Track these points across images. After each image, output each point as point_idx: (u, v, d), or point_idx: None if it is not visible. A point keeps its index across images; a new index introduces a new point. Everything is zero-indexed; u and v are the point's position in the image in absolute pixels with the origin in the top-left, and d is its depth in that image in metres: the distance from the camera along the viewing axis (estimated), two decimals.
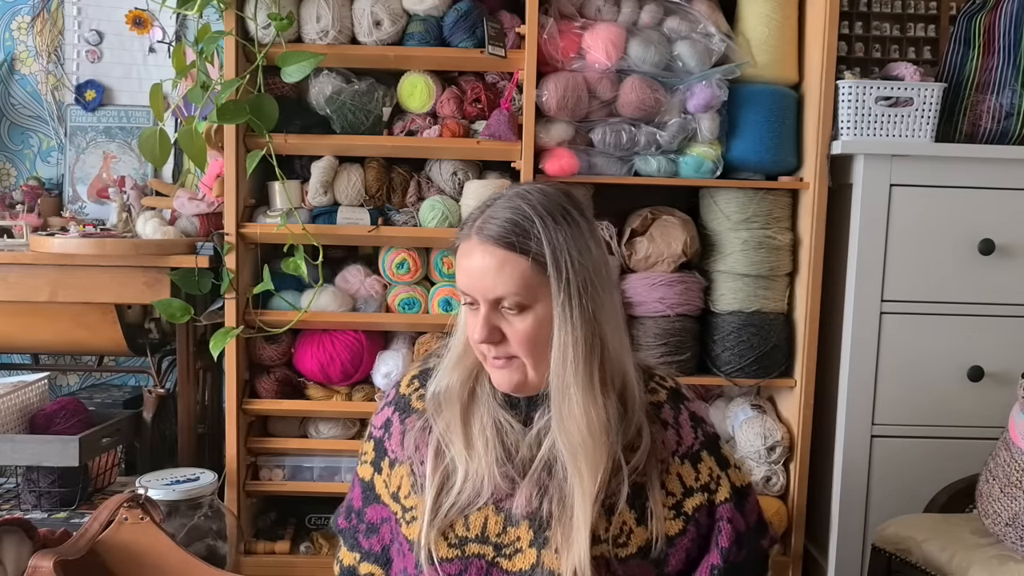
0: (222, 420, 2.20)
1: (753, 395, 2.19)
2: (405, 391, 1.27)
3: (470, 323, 1.15)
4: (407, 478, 1.21)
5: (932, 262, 1.96)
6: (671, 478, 1.18)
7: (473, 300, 1.13)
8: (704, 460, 1.20)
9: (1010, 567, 1.48)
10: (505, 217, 1.10)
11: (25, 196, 2.35)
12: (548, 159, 1.98)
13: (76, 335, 2.12)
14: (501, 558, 1.15)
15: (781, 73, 2.08)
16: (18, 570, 1.34)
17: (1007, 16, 2.01)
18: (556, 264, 1.09)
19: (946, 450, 1.97)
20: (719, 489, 1.19)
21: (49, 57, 2.45)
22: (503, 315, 1.11)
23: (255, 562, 2.06)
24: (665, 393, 1.22)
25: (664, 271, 2.05)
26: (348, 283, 2.09)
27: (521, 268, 1.09)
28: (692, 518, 1.18)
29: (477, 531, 1.15)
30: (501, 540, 1.15)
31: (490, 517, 1.16)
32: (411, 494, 1.20)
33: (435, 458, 1.18)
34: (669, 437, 1.19)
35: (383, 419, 1.28)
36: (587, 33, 2.00)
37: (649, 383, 1.22)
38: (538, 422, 1.16)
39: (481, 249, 1.10)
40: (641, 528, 1.15)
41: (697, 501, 1.18)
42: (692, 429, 1.21)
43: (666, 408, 1.21)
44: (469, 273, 1.11)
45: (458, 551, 1.15)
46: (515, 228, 1.10)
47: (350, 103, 1.99)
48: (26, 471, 2.01)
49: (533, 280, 1.09)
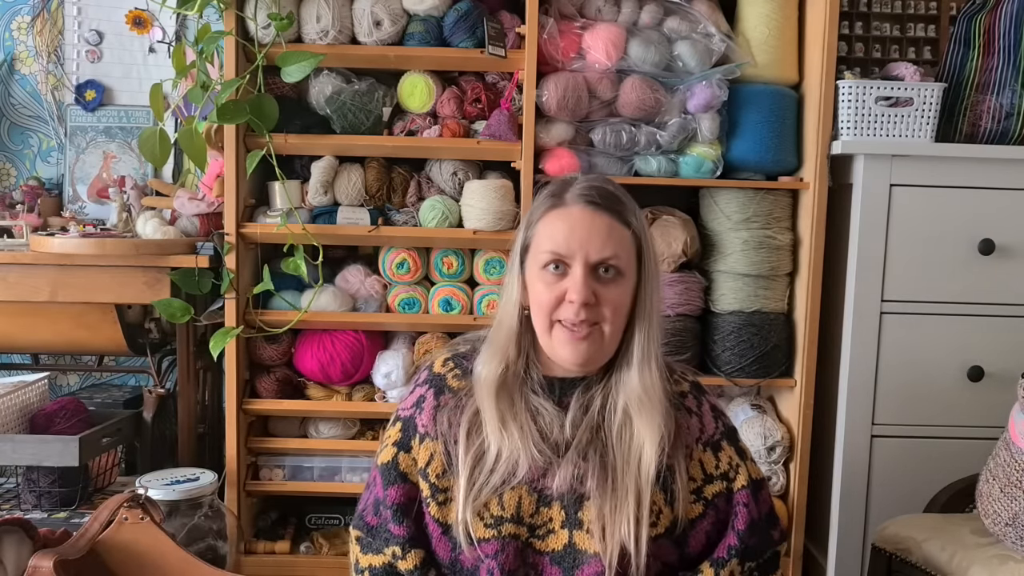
0: (222, 420, 2.20)
1: (753, 395, 2.19)
2: (440, 370, 1.29)
3: (552, 292, 1.17)
4: (439, 456, 1.22)
5: (932, 262, 1.96)
6: (694, 464, 1.22)
7: (561, 263, 1.16)
8: (724, 449, 1.24)
9: (1010, 567, 1.48)
10: (606, 190, 1.20)
11: (25, 196, 2.35)
12: (548, 159, 1.98)
13: (76, 335, 2.12)
14: (535, 538, 1.18)
15: (781, 73, 2.08)
16: (18, 570, 1.34)
17: (1007, 16, 2.02)
18: (646, 240, 1.20)
19: (946, 450, 1.97)
20: (737, 477, 1.23)
21: (49, 57, 2.45)
22: (600, 280, 1.16)
23: (255, 562, 2.06)
24: (688, 385, 1.28)
25: (664, 271, 2.05)
26: (348, 283, 2.09)
27: (625, 236, 1.18)
28: (712, 503, 1.22)
29: (512, 511, 1.17)
30: (534, 520, 1.18)
31: (524, 497, 1.18)
32: (445, 474, 1.21)
33: (467, 439, 1.20)
34: (693, 424, 1.24)
35: (415, 398, 1.28)
36: (587, 33, 2.00)
37: (673, 375, 1.27)
38: (575, 404, 1.20)
39: (589, 212, 1.17)
40: (668, 508, 1.19)
41: (717, 488, 1.22)
42: (713, 419, 1.26)
43: (690, 397, 1.26)
44: (571, 233, 1.16)
45: (495, 531, 1.17)
46: (619, 201, 1.19)
47: (350, 103, 1.99)
48: (26, 471, 2.01)
49: (631, 250, 1.18)
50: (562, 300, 1.16)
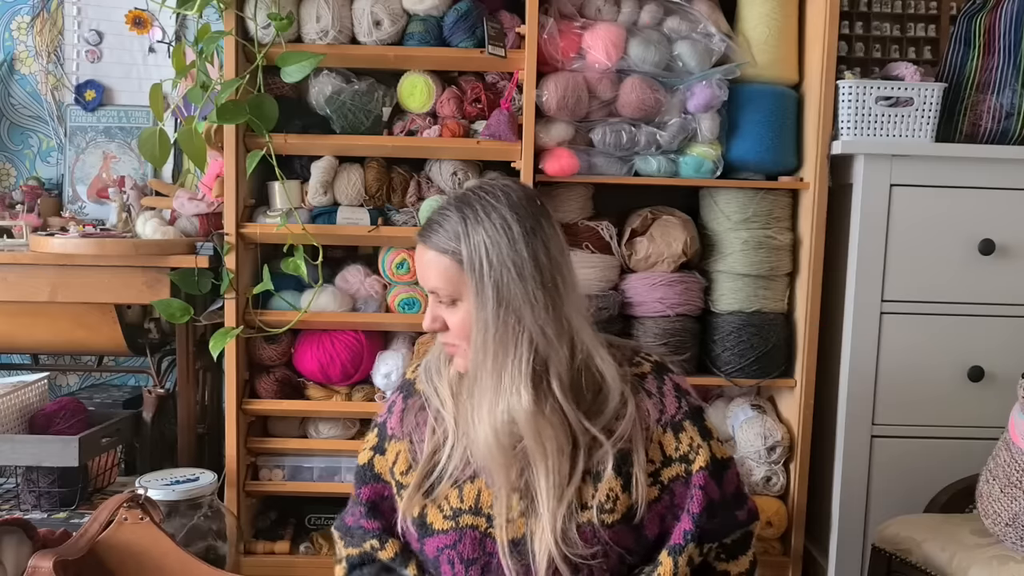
0: (222, 420, 2.20)
1: (753, 395, 2.19)
2: (410, 376, 1.37)
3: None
4: (405, 454, 1.28)
5: (932, 262, 1.96)
6: (653, 446, 1.24)
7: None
8: (686, 430, 1.25)
9: (1010, 567, 1.48)
10: (434, 218, 1.22)
11: (25, 196, 2.35)
12: (548, 159, 1.98)
13: (76, 335, 2.12)
14: (494, 528, 1.21)
15: (781, 73, 2.08)
16: (18, 570, 1.34)
17: (1007, 16, 2.02)
18: (471, 262, 1.17)
19: (946, 450, 1.97)
20: (696, 459, 1.24)
21: (49, 57, 2.45)
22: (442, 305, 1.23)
23: (255, 562, 2.06)
24: (649, 366, 1.29)
25: (664, 271, 2.05)
26: (348, 283, 2.09)
27: (446, 266, 1.20)
28: (668, 488, 1.23)
29: (471, 503, 1.22)
30: (493, 512, 1.21)
31: (483, 490, 1.22)
32: (408, 471, 1.27)
33: (431, 433, 1.26)
34: (652, 406, 1.25)
35: (389, 403, 1.36)
36: (587, 33, 1.99)
37: (634, 358, 1.29)
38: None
39: (420, 247, 1.23)
40: (626, 495, 1.20)
41: (674, 472, 1.23)
42: (676, 399, 1.27)
43: (650, 379, 1.27)
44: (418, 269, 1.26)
45: (452, 522, 1.22)
46: (438, 229, 1.21)
47: (350, 103, 1.99)
48: (26, 471, 2.01)
49: (456, 276, 1.19)
50: None
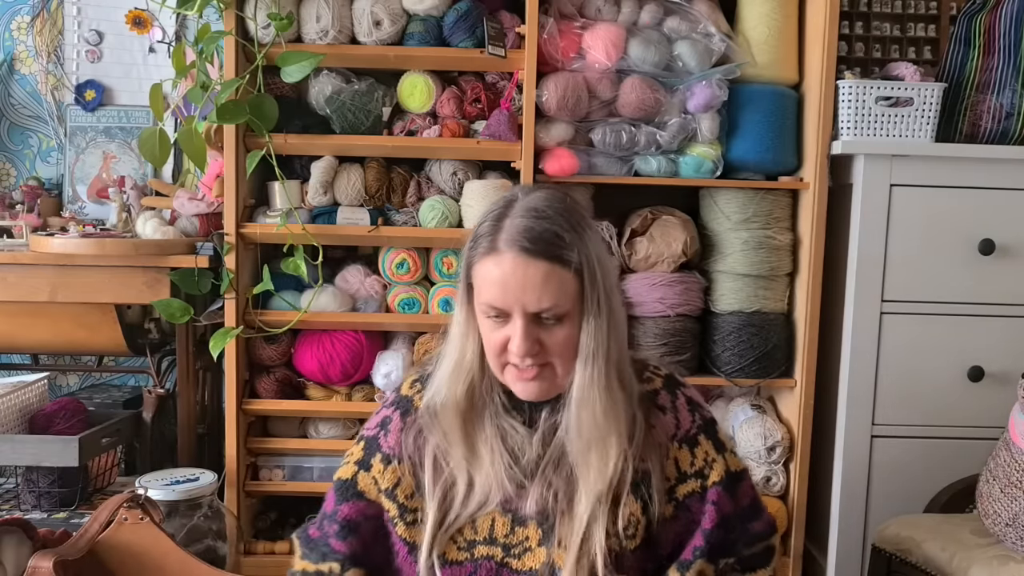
0: (222, 420, 2.19)
1: (753, 395, 2.19)
2: (407, 393, 1.26)
3: (496, 336, 1.12)
4: (408, 478, 1.20)
5: (932, 262, 1.96)
6: (669, 463, 1.19)
7: (501, 313, 1.10)
8: (701, 444, 1.21)
9: (1010, 567, 1.48)
10: (541, 228, 1.09)
11: (25, 196, 2.35)
12: (548, 159, 1.98)
13: (76, 335, 2.12)
14: (510, 558, 1.16)
15: (781, 73, 2.08)
16: (18, 570, 1.34)
17: (1007, 16, 2.01)
18: (591, 273, 1.10)
19: (946, 450, 1.97)
20: (711, 473, 1.20)
21: (49, 57, 2.45)
22: (542, 325, 1.10)
23: (255, 562, 2.06)
24: (660, 381, 1.24)
25: (664, 271, 2.05)
26: (348, 283, 2.09)
27: (564, 279, 1.09)
28: (683, 504, 1.19)
29: (485, 533, 1.16)
30: (509, 540, 1.16)
31: (497, 519, 1.16)
32: (414, 496, 1.20)
33: (434, 471, 1.18)
34: (667, 421, 1.20)
35: (380, 419, 1.27)
36: (587, 33, 1.99)
37: (644, 373, 1.23)
38: (544, 423, 1.17)
39: (523, 261, 1.08)
40: (645, 517, 1.16)
41: (689, 488, 1.19)
42: (689, 413, 1.22)
43: (662, 394, 1.22)
44: (506, 287, 1.09)
45: (467, 554, 1.16)
46: (556, 238, 1.08)
47: (350, 103, 1.99)
48: (26, 471, 2.01)
49: (573, 290, 1.10)
50: (507, 344, 1.11)
